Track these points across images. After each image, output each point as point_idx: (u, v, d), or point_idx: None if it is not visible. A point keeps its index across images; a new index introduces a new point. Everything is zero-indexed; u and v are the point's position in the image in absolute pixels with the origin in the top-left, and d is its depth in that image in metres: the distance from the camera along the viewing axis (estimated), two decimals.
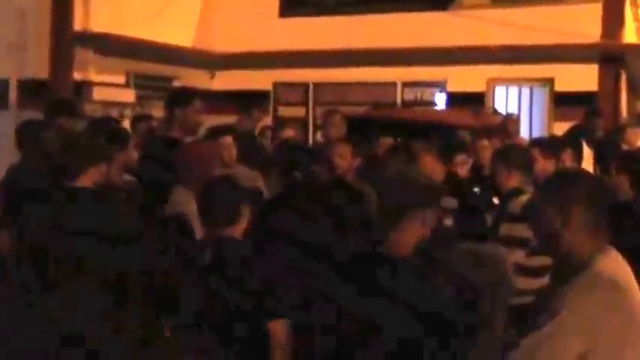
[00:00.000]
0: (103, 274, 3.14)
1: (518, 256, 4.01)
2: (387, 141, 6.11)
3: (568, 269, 2.21)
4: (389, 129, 6.86)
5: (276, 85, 12.64)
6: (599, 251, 2.20)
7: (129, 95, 10.11)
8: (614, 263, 2.19)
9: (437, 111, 11.11)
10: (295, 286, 3.10)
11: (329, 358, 2.44)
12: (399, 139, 6.06)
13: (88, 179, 3.39)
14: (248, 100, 8.19)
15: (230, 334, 2.85)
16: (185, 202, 3.60)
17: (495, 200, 4.90)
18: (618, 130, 9.93)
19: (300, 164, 4.43)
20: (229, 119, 7.94)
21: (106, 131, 4.38)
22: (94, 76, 9.69)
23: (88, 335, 3.05)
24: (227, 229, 3.04)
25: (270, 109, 12.63)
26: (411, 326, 2.24)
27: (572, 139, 6.96)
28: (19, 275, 3.34)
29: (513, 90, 12.06)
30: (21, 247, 3.48)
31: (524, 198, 4.12)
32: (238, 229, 3.08)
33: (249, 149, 5.24)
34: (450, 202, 4.36)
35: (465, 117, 8.30)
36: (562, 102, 10.77)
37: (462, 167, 5.36)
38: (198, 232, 3.42)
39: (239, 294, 2.85)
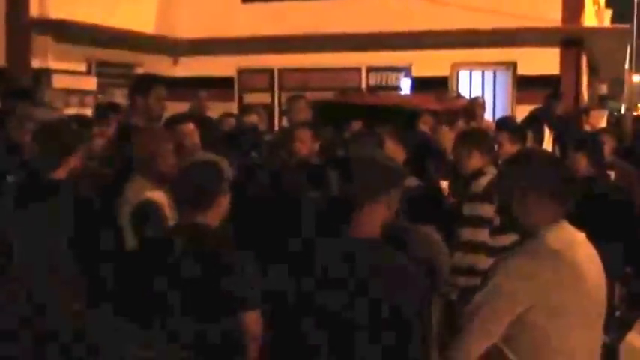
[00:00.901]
0: None
1: (483, 235, 4.08)
2: (357, 125, 6.12)
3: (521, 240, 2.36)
4: (354, 113, 6.88)
5: (240, 71, 12.57)
6: (551, 224, 2.31)
7: (90, 83, 9.95)
8: (563, 237, 2.29)
9: (401, 95, 11.16)
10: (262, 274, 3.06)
11: (296, 347, 2.43)
12: (364, 124, 6.07)
13: (66, 169, 3.37)
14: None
15: (203, 324, 2.80)
16: (145, 190, 3.56)
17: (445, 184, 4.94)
18: (580, 113, 10.12)
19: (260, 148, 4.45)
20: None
21: (68, 120, 4.33)
22: (54, 64, 9.51)
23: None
24: (201, 216, 2.94)
25: (235, 95, 12.58)
26: (379, 309, 2.25)
27: (533, 122, 7.06)
28: None
29: (477, 74, 12.19)
30: None
31: (486, 179, 4.18)
32: (214, 217, 2.98)
33: (212, 134, 5.19)
34: (411, 181, 4.39)
35: (428, 101, 8.35)
36: (524, 85, 10.91)
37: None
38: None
39: (211, 283, 2.79)
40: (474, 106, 7.95)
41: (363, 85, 12.01)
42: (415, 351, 2.24)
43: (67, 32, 9.56)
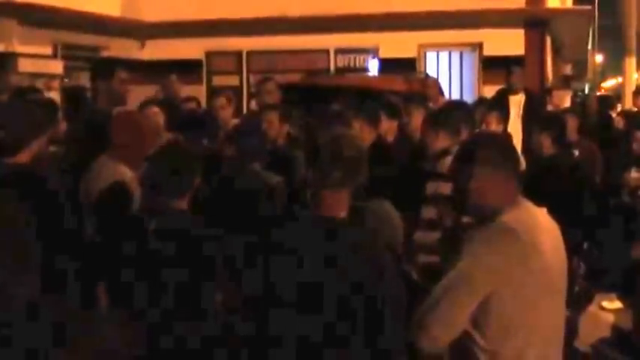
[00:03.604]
0: None
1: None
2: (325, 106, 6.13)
3: (479, 222, 2.42)
4: (321, 95, 6.91)
5: (208, 54, 12.50)
6: (509, 204, 2.37)
7: (56, 66, 9.82)
8: (522, 216, 2.36)
9: (368, 77, 11.22)
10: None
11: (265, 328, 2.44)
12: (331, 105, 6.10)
13: (29, 153, 3.33)
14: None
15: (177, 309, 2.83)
16: (117, 172, 3.57)
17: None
18: (544, 93, 10.28)
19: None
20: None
21: (34, 102, 4.29)
22: (19, 47, 9.36)
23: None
24: (175, 201, 2.96)
25: (204, 78, 12.51)
26: (357, 288, 2.29)
27: (498, 102, 7.16)
28: None
29: (444, 55, 12.29)
30: None
31: (450, 159, 4.26)
32: (186, 201, 3.01)
33: (176, 117, 5.20)
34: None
35: (395, 82, 8.42)
36: (490, 66, 11.03)
37: (390, 132, 5.46)
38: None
39: (185, 268, 2.81)
40: (425, 88, 7.94)
41: (332, 67, 12.03)
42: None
43: (32, 15, 9.41)
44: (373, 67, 11.80)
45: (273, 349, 2.35)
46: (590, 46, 21.26)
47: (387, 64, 11.39)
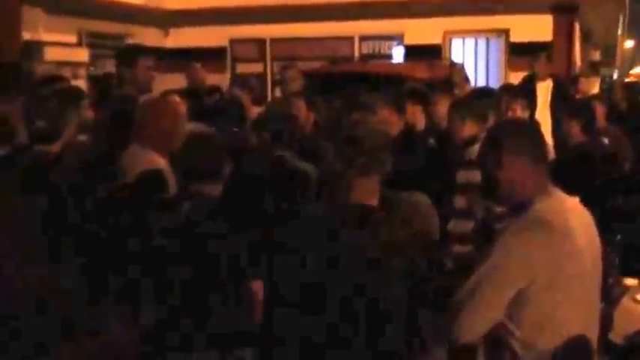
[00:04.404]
0: None
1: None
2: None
3: (512, 212, 2.37)
4: (347, 83, 6.87)
5: (232, 41, 12.50)
6: (541, 193, 2.33)
7: (82, 54, 9.88)
8: (554, 205, 2.32)
9: (392, 64, 11.13)
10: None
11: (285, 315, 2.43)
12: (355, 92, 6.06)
13: (61, 142, 3.35)
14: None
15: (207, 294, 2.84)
16: (148, 159, 3.57)
17: None
18: (572, 80, 10.12)
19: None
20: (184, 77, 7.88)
21: (63, 90, 4.30)
22: (45, 36, 9.43)
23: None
24: (207, 186, 3.01)
25: (228, 66, 12.52)
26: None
27: (525, 89, 7.06)
28: None
29: (470, 42, 12.15)
30: None
31: (478, 146, 4.21)
32: (216, 187, 3.06)
33: (199, 106, 5.19)
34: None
35: (420, 69, 8.33)
36: (517, 52, 10.89)
37: (417, 118, 5.40)
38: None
39: (217, 254, 2.83)
40: (451, 75, 7.86)
41: (356, 54, 11.96)
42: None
43: (57, 4, 9.47)
44: (398, 54, 11.70)
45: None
46: (620, 32, 20.88)
47: (412, 51, 11.29)
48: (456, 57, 11.34)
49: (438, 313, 2.32)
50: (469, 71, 9.71)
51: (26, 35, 9.14)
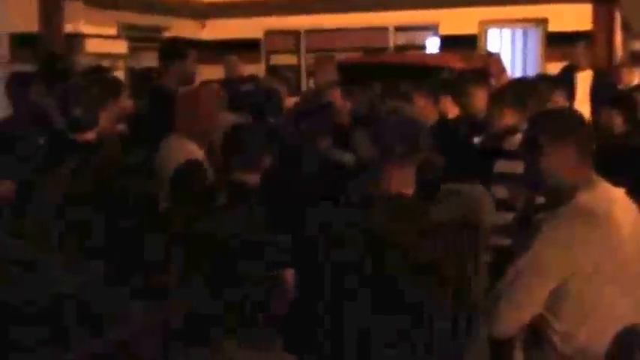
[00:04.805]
0: None
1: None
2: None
3: (554, 203, 2.31)
4: (381, 74, 6.85)
5: (267, 33, 12.53)
6: (585, 184, 2.27)
7: (121, 46, 10.02)
8: (599, 196, 2.26)
9: (426, 54, 11.05)
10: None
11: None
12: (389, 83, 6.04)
13: (97, 130, 3.40)
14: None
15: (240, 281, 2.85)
16: (187, 150, 3.61)
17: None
18: (613, 70, 9.93)
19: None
20: (220, 69, 7.94)
21: (100, 80, 4.37)
22: (85, 29, 9.58)
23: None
24: (245, 175, 3.04)
25: (262, 57, 12.56)
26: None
27: (564, 79, 6.96)
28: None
29: (506, 32, 12.00)
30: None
31: (519, 136, 4.16)
32: (255, 177, 3.09)
33: (236, 97, 5.23)
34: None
35: (455, 60, 8.26)
36: (555, 42, 10.72)
37: (451, 109, 5.37)
38: None
39: (251, 242, 2.82)
40: (488, 65, 7.77)
41: (391, 45, 11.90)
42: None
43: None
44: (433, 44, 11.60)
45: None
46: None
47: (447, 42, 11.19)
48: (493, 48, 11.21)
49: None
50: (506, 62, 9.59)
51: (68, 28, 9.29)
